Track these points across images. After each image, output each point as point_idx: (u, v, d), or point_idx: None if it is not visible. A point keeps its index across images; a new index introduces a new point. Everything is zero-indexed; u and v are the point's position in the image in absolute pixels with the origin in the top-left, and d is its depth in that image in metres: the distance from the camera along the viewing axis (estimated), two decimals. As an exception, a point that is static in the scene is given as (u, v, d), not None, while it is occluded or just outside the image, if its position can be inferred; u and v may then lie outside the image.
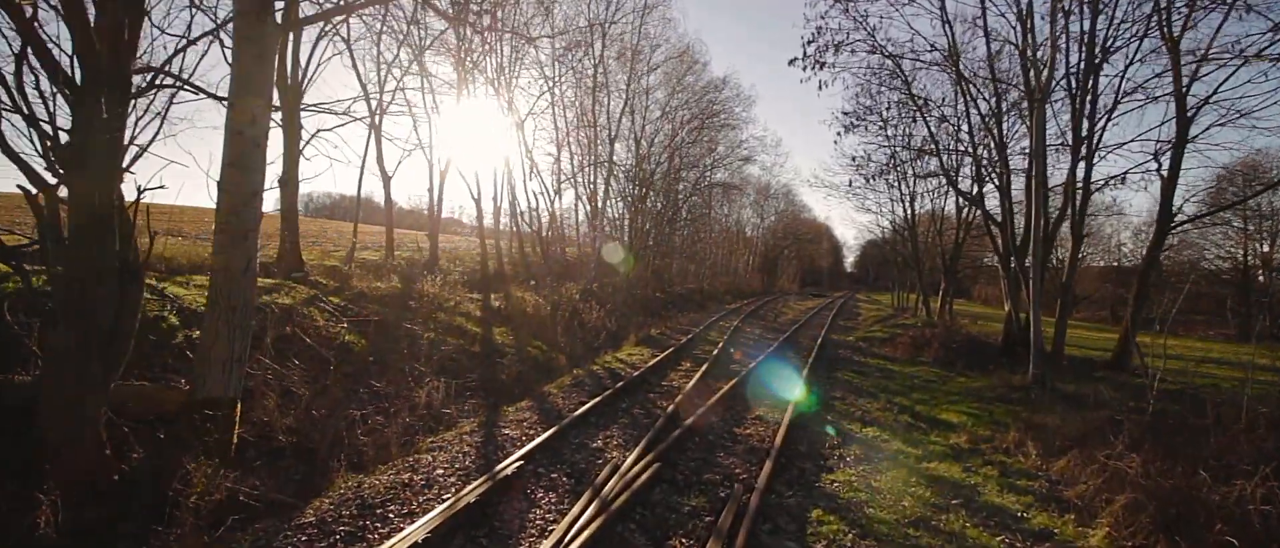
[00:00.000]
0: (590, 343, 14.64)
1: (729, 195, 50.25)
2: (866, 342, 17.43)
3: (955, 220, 26.93)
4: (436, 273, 18.36)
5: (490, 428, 7.19)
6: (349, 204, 73.79)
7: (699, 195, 43.11)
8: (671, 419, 7.38)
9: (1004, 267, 15.52)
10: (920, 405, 9.49)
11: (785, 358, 13.33)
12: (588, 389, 9.58)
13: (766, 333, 18.20)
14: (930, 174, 24.34)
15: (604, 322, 17.94)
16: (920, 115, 16.96)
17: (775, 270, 65.22)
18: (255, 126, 5.78)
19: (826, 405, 8.91)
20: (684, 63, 33.69)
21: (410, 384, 8.71)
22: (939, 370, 13.01)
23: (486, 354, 11.71)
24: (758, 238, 60.95)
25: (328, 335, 9.40)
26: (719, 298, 36.20)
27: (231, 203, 5.69)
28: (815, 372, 11.64)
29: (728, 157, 44.27)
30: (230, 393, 5.61)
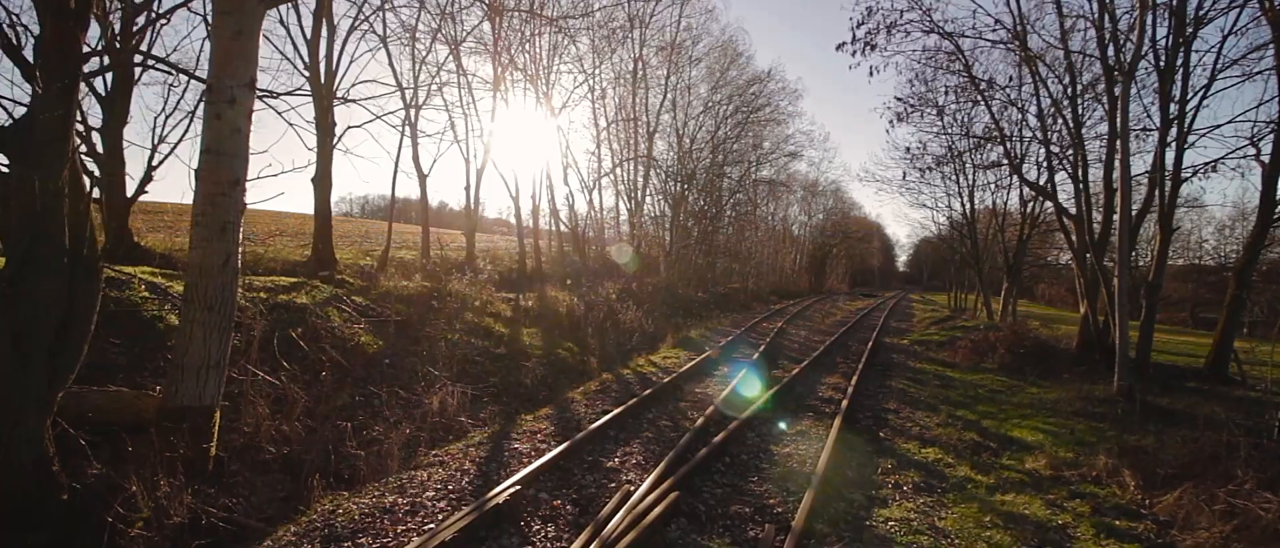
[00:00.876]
0: (624, 345, 13.91)
1: (775, 192, 48.85)
2: (922, 346, 16.17)
3: (1019, 215, 25.13)
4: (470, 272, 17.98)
5: (500, 440, 6.53)
6: (407, 207, 75.28)
7: (743, 193, 41.97)
8: (700, 435, 6.56)
9: (1079, 264, 14.07)
10: (987, 420, 8.39)
11: (832, 364, 12.30)
12: (614, 396, 8.85)
13: (812, 336, 17.13)
14: (991, 165, 22.73)
15: (641, 323, 17.21)
16: (982, 100, 15.62)
17: (823, 270, 63.29)
18: (234, 109, 5.26)
19: (879, 420, 7.92)
20: (726, 56, 32.70)
21: (423, 390, 8.15)
22: (1006, 379, 11.77)
23: (512, 357, 11.12)
24: (805, 237, 59.18)
25: (342, 337, 8.94)
26: (764, 298, 35.03)
27: (208, 192, 5.17)
28: (866, 380, 10.61)
29: (773, 152, 42.99)
30: (206, 401, 5.10)
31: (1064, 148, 15.53)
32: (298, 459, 5.60)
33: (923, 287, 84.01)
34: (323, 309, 9.56)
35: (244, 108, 5.33)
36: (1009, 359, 13.24)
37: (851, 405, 8.30)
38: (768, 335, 16.04)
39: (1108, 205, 13.65)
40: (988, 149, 21.36)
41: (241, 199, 5.37)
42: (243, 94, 5.31)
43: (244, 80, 5.30)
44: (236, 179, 5.29)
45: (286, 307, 9.03)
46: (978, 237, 26.57)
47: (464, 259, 21.21)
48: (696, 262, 33.90)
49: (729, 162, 36.05)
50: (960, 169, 25.30)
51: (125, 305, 6.89)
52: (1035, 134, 16.33)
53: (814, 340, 15.92)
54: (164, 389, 5.15)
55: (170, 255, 12.08)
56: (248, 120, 5.40)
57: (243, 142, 5.35)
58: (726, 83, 33.04)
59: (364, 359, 8.70)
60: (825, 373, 11.09)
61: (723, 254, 42.15)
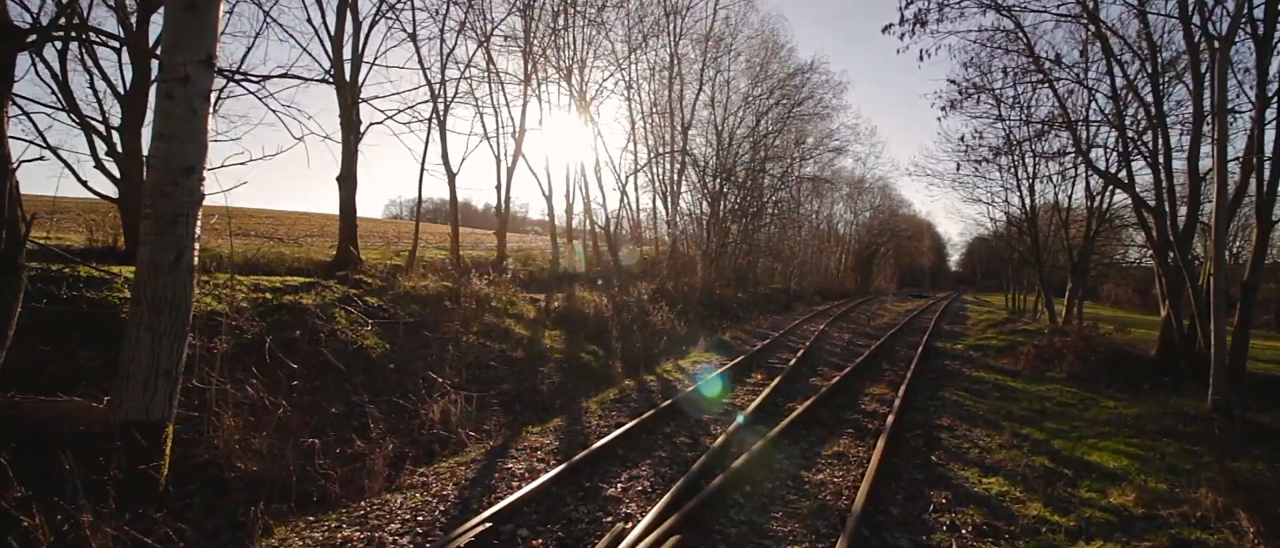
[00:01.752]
0: (652, 349, 13.14)
1: (819, 190, 47.30)
2: (978, 351, 14.87)
3: (1085, 209, 23.28)
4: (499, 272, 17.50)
5: (497, 458, 5.85)
6: (464, 209, 76.38)
7: (786, 190, 40.64)
8: (719, 456, 5.74)
9: (1160, 261, 12.61)
10: (1059, 441, 7.28)
11: (878, 371, 11.25)
12: (632, 406, 8.09)
13: (857, 339, 16.00)
14: (1055, 154, 21.02)
15: (673, 325, 16.41)
16: (1047, 81, 14.23)
17: (870, 270, 61.12)
18: (188, 88, 4.70)
19: (930, 440, 6.93)
20: (767, 48, 31.58)
21: (425, 398, 7.54)
22: (1076, 390, 10.51)
23: (529, 361, 10.48)
24: (851, 235, 57.22)
25: (344, 340, 8.43)
26: (807, 299, 33.74)
27: (158, 181, 4.63)
28: (916, 391, 9.56)
29: (817, 148, 41.59)
30: (155, 414, 4.55)
31: (1139, 132, 14.02)
32: (264, 479, 5.02)
33: (976, 287, 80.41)
34: (328, 311, 9.09)
35: (200, 87, 4.77)
36: (1079, 368, 11.91)
37: (899, 422, 7.32)
38: (808, 339, 15.02)
39: (1193, 195, 12.17)
40: (1050, 137, 19.71)
41: (198, 189, 4.81)
42: (198, 72, 4.76)
43: (199, 56, 4.74)
44: (190, 167, 4.73)
45: (289, 308, 8.59)
46: (1039, 233, 24.76)
47: (495, 259, 20.81)
48: (736, 261, 32.86)
49: (770, 157, 34.86)
50: (1019, 160, 23.61)
51: (102, 307, 6.48)
52: (1106, 117, 14.83)
53: (858, 345, 14.82)
54: (109, 401, 4.62)
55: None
56: (205, 102, 4.84)
57: (199, 125, 4.79)
58: (767, 76, 31.91)
59: (365, 364, 8.17)
60: (869, 382, 10.07)
61: (764, 254, 40.92)
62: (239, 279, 9.64)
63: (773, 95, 31.50)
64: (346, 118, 15.11)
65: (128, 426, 4.44)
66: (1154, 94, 12.32)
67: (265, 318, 8.18)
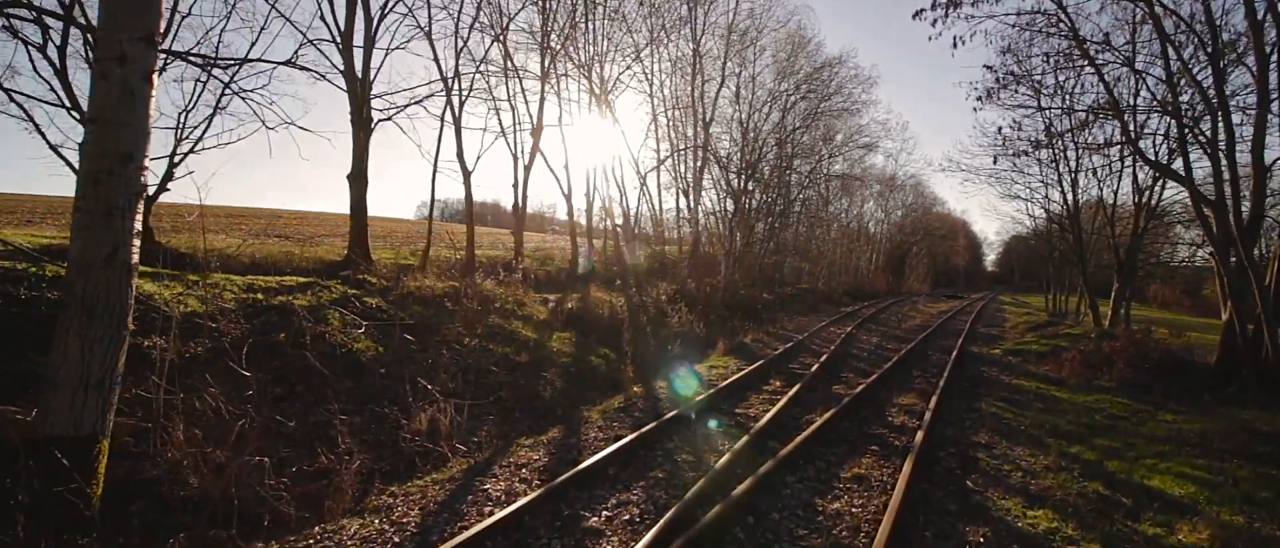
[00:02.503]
0: (665, 352, 12.51)
1: (848, 188, 46.07)
2: (1018, 356, 13.90)
3: (1132, 204, 21.92)
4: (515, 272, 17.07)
5: (476, 476, 5.31)
6: (483, 209, 76.62)
7: (814, 188, 39.60)
8: (723, 477, 5.10)
9: (1221, 260, 11.53)
10: (1113, 462, 6.46)
11: (908, 378, 10.45)
12: (635, 416, 7.50)
13: (886, 343, 15.14)
14: (1099, 147, 19.80)
15: (692, 327, 15.76)
16: (1092, 66, 13.20)
17: (902, 270, 59.50)
18: (126, 69, 4.25)
19: (965, 460, 6.18)
20: (793, 42, 30.66)
21: (414, 405, 7.05)
22: (1128, 401, 9.58)
23: (533, 365, 9.95)
24: (882, 234, 55.70)
25: (334, 343, 7.99)
26: (835, 300, 32.72)
27: (91, 169, 4.20)
28: (949, 401, 8.76)
29: (846, 145, 40.40)
30: (85, 428, 4.10)
31: (1195, 119, 12.91)
32: (213, 499, 4.55)
33: (1014, 288, 77.87)
34: (321, 312, 8.69)
35: (139, 67, 4.32)
36: (1130, 376, 10.93)
37: (929, 438, 6.57)
38: (834, 342, 14.23)
39: (1258, 187, 11.10)
40: (1094, 127, 18.52)
41: (137, 179, 4.36)
42: (137, 51, 4.30)
43: (138, 33, 4.29)
44: (128, 154, 4.28)
45: (279, 310, 8.19)
46: (1082, 230, 23.43)
47: (512, 259, 20.41)
48: (762, 261, 32.02)
49: (797, 154, 33.91)
50: (1061, 154, 22.36)
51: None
52: (1160, 103, 13.72)
53: (887, 349, 13.97)
54: (36, 414, 4.19)
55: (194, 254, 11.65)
56: (147, 83, 4.39)
57: (138, 108, 4.34)
58: (793, 71, 30.96)
59: (353, 369, 7.72)
60: (898, 390, 9.30)
61: (791, 253, 39.95)
62: (233, 279, 9.31)
63: (799, 90, 30.56)
64: (356, 115, 14.81)
65: (50, 441, 3.99)
66: (1214, 77, 11.26)
67: (251, 320, 7.79)
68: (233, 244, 14.10)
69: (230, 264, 12.10)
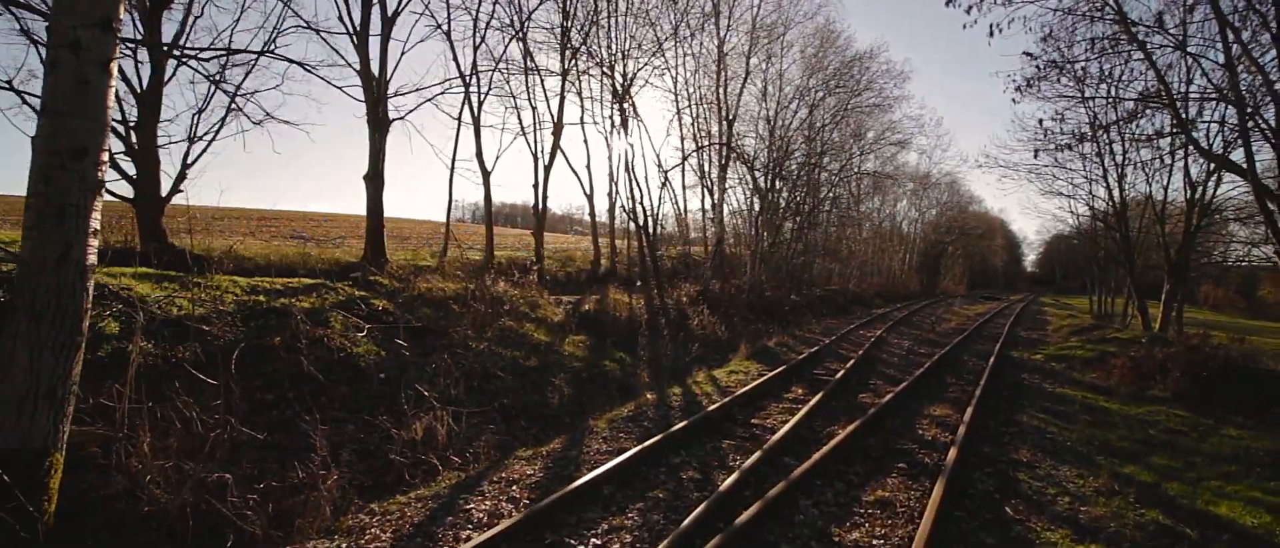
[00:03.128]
0: (683, 357, 12.03)
1: (880, 186, 44.90)
2: (1062, 363, 13.04)
3: (1184, 200, 20.63)
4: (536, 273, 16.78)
5: (464, 492, 4.92)
6: (515, 211, 76.70)
7: (844, 187, 38.61)
8: (728, 500, 4.61)
9: (1289, 260, 10.57)
10: (1173, 485, 5.78)
11: (941, 387, 9.78)
12: (644, 426, 7.04)
13: (919, 347, 14.40)
14: (1149, 138, 18.63)
15: (714, 330, 15.26)
16: (1141, 50, 12.30)
17: (937, 270, 57.86)
18: (79, 58, 3.96)
19: (1004, 482, 5.57)
20: (821, 36, 29.85)
21: (412, 413, 6.71)
22: (1186, 414, 8.78)
23: (542, 370, 9.58)
24: (915, 234, 54.20)
25: (333, 347, 7.71)
26: (866, 301, 31.81)
27: (43, 165, 3.91)
28: (986, 412, 8.11)
29: (878, 142, 39.33)
30: (35, 441, 3.82)
31: (1257, 106, 11.92)
32: (175, 515, 4.25)
33: (1055, 289, 75.20)
34: (322, 315, 8.43)
35: (94, 56, 4.02)
36: (1186, 385, 10.07)
37: (964, 455, 5.98)
38: (862, 346, 13.56)
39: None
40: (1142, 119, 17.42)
41: (93, 175, 4.07)
42: (92, 39, 4.01)
43: (92, 19, 4.00)
44: (82, 148, 3.98)
45: (277, 313, 7.93)
46: (1129, 228, 22.19)
47: (532, 259, 20.13)
48: (790, 261, 31.28)
49: (826, 152, 33.04)
50: (1106, 147, 21.18)
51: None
52: (1217, 90, 12.73)
53: (919, 354, 13.25)
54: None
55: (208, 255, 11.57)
56: (104, 74, 4.09)
57: (93, 100, 4.05)
58: (822, 67, 30.13)
59: (350, 374, 7.42)
60: (930, 401, 8.66)
61: (820, 253, 39.04)
62: (237, 280, 9.12)
63: (828, 86, 29.73)
64: (372, 114, 14.67)
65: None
66: (1279, 59, 10.34)
67: (247, 323, 7.56)
68: (250, 245, 14.05)
69: (244, 265, 12.02)
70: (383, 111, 14.80)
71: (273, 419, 6.18)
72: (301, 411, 6.50)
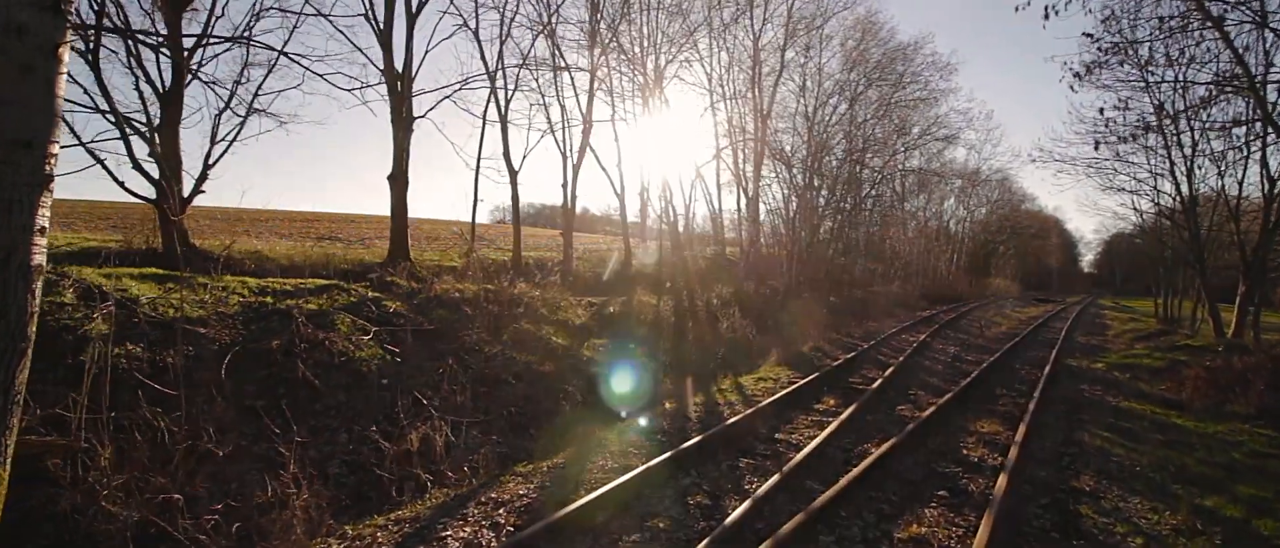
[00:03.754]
0: (709, 362, 11.44)
1: (926, 183, 43.23)
2: (1126, 372, 11.94)
3: (1262, 194, 18.93)
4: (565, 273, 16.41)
5: (446, 515, 4.47)
6: (553, 212, 76.76)
7: (887, 184, 37.23)
8: (735, 536, 4.04)
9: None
10: (1265, 521, 4.93)
11: (989, 399, 8.95)
12: (658, 439, 6.52)
13: (966, 353, 13.46)
14: (1222, 128, 17.13)
15: (745, 333, 14.61)
16: (1216, 31, 11.17)
17: (987, 271, 55.57)
18: (23, 43, 3.62)
19: (1065, 517, 4.83)
20: (862, 27, 28.72)
21: (404, 424, 6.33)
22: (1272, 432, 7.76)
23: (559, 375, 9.14)
24: (964, 233, 52.08)
25: (336, 351, 7.41)
26: (910, 303, 30.53)
27: (-20, 158, 3.58)
28: (1042, 430, 7.29)
29: (923, 138, 37.74)
30: (-30, 461, 3.49)
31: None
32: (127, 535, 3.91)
33: (1115, 290, 71.36)
34: (329, 317, 8.15)
35: (39, 39, 3.67)
36: (1272, 400, 8.98)
37: (1016, 482, 5.24)
38: (903, 352, 12.72)
39: None
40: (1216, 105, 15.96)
41: (41, 168, 3.70)
42: (37, 20, 3.66)
43: (38, 0, 3.67)
44: (27, 141, 3.62)
45: (281, 315, 7.68)
46: (1199, 225, 20.53)
47: (561, 261, 19.78)
48: (830, 262, 30.26)
49: (869, 148, 31.85)
50: (1174, 138, 19.62)
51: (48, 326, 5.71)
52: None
53: (966, 361, 12.34)
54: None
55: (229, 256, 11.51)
56: (51, 59, 3.71)
57: (40, 88, 3.66)
58: (863, 59, 28.99)
59: (350, 380, 7.09)
60: (976, 415, 7.87)
61: (862, 253, 37.77)
62: (248, 281, 8.94)
63: (869, 79, 28.59)
64: (396, 113, 14.49)
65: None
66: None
67: (249, 326, 7.31)
68: (277, 247, 14.03)
69: (267, 266, 11.94)
70: (407, 110, 14.62)
71: (258, 429, 5.86)
72: (293, 419, 6.18)
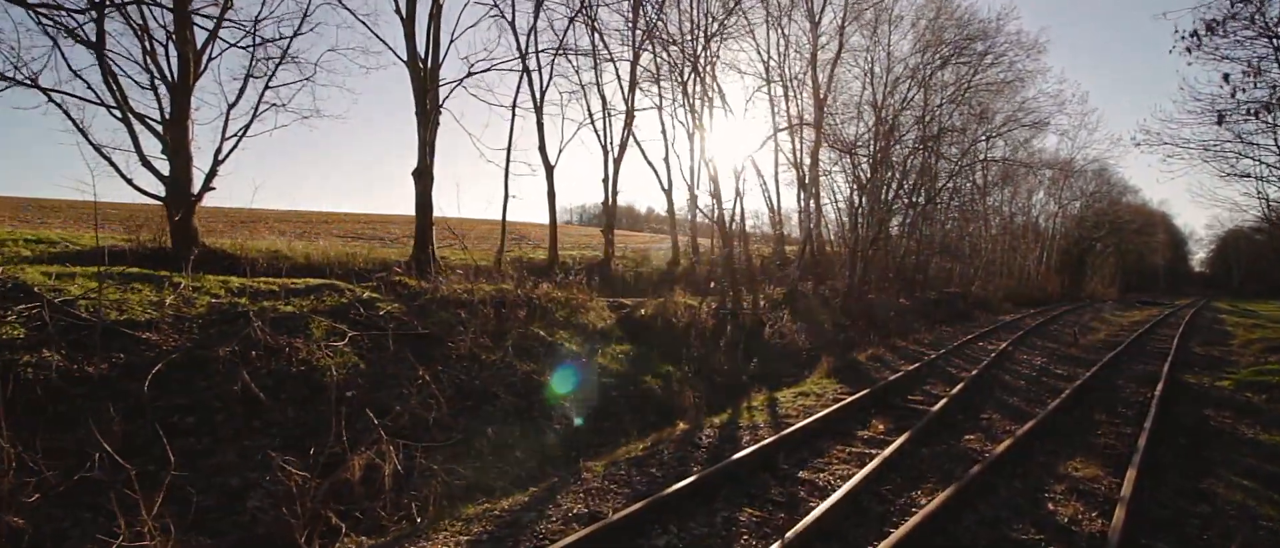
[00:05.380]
0: (741, 373, 10.09)
1: (1011, 175, 39.75)
2: (1261, 392, 9.70)
3: None
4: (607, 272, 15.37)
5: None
6: (620, 213, 75.74)
7: (966, 177, 34.31)
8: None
9: None
10: None
11: (1087, 426, 7.20)
12: (651, 472, 5.35)
13: (1054, 366, 11.48)
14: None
15: (794, 338, 13.12)
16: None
17: (1082, 270, 50.87)
18: None
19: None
20: (936, 6, 26.32)
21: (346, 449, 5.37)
22: None
23: (561, 387, 8.04)
24: (1054, 229, 47.72)
25: (297, 359, 6.58)
26: (992, 306, 27.83)
27: None
28: (1157, 470, 5.58)
29: (1007, 125, 34.49)
30: None
31: None
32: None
33: (1232, 293, 63.87)
34: (305, 321, 7.37)
35: None
36: None
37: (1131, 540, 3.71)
38: (978, 363, 10.94)
39: None
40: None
41: None
42: None
43: None
44: None
45: (241, 318, 6.92)
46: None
47: (603, 259, 18.81)
48: (901, 260, 28.01)
49: (944, 137, 29.26)
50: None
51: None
52: None
53: (1055, 375, 10.43)
54: None
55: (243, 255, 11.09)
56: None
57: None
58: (937, 41, 26.54)
59: (308, 392, 6.23)
60: (1067, 450, 6.20)
61: (938, 251, 34.99)
62: (227, 280, 8.31)
63: (944, 59, 26.13)
64: (419, 106, 13.87)
65: None
66: None
67: (207, 330, 6.59)
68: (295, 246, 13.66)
69: (278, 265, 11.46)
70: (431, 102, 13.98)
71: (180, 449, 5.03)
72: (223, 439, 5.34)
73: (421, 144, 13.94)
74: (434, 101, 14.07)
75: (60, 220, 15.48)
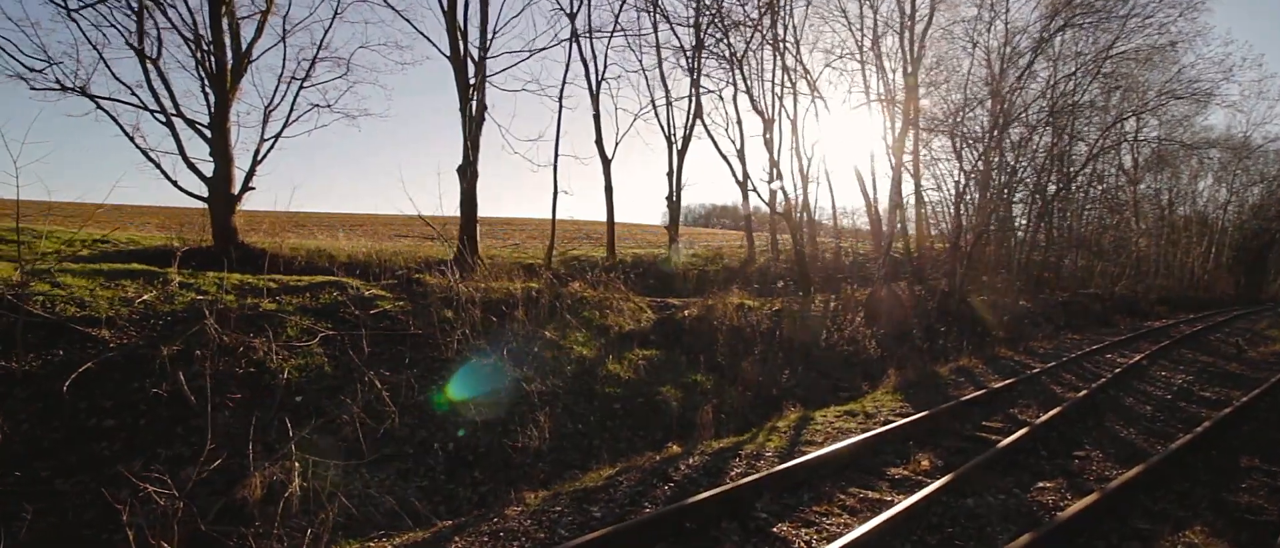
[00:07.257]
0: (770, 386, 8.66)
1: (1168, 159, 34.19)
2: None
3: None
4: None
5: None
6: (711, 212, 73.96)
7: (1109, 161, 29.83)
8: None
9: None
10: None
11: (1230, 473, 5.23)
12: (588, 515, 4.30)
13: (1204, 385, 9.02)
14: None
15: (863, 345, 11.43)
16: None
17: (1261, 269, 43.00)
18: None
19: None
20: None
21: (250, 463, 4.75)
22: None
23: (551, 399, 7.12)
24: (1225, 221, 40.53)
25: (251, 359, 6.12)
26: (1140, 309, 23.81)
27: None
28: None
29: (1161, 99, 29.39)
30: None
31: None
32: None
33: None
34: (279, 319, 6.96)
35: None
36: None
37: None
38: (1095, 379, 8.81)
39: None
40: None
41: None
42: None
43: None
44: None
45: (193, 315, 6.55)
46: None
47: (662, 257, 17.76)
48: (1026, 257, 24.71)
49: (1078, 116, 25.40)
50: None
51: None
52: None
53: (1199, 400, 8.10)
54: None
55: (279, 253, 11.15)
56: None
57: None
58: (1068, 3, 22.93)
59: (252, 396, 5.72)
60: (1188, 511, 4.39)
61: (1074, 247, 30.70)
62: (229, 277, 8.12)
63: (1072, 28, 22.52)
64: (463, 100, 13.51)
65: None
66: None
67: (173, 328, 6.30)
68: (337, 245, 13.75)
69: (316, 263, 11.46)
70: (476, 96, 13.59)
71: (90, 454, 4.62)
72: (145, 443, 4.90)
73: (465, 139, 13.58)
74: (480, 95, 13.67)
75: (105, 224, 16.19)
